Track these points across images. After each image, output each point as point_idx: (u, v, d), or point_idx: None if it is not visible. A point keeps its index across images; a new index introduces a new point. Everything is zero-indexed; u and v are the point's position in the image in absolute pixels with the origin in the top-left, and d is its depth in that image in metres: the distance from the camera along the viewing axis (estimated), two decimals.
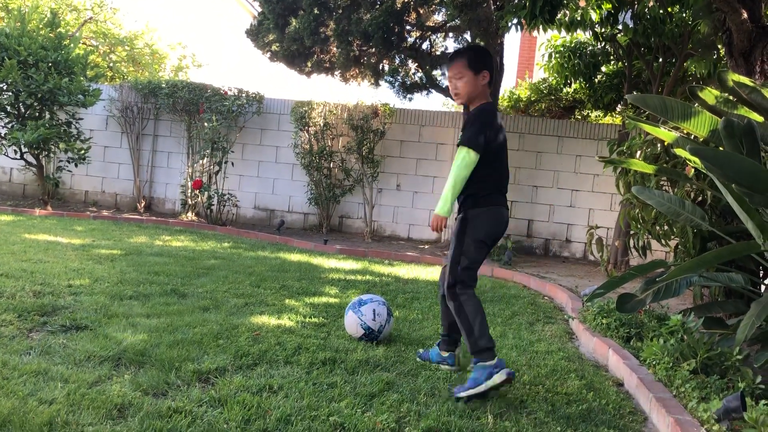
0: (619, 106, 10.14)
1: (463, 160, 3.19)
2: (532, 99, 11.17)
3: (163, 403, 2.61)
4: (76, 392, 2.63)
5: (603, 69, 9.83)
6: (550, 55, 9.72)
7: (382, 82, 9.48)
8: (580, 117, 11.13)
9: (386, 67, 9.15)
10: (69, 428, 2.30)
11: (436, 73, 9.29)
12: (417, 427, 2.61)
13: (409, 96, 9.28)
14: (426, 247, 9.42)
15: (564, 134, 9.71)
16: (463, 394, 3.01)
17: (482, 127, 3.24)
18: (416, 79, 9.24)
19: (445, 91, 9.41)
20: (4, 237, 6.75)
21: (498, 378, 3.00)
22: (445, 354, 3.57)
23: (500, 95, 10.26)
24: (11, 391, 2.57)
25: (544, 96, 11.03)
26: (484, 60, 3.38)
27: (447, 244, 9.45)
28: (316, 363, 3.33)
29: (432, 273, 7.05)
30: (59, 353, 3.13)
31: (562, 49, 9.59)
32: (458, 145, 3.25)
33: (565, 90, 10.76)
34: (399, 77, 9.15)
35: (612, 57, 9.45)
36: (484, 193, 3.34)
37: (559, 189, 9.73)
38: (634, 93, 8.19)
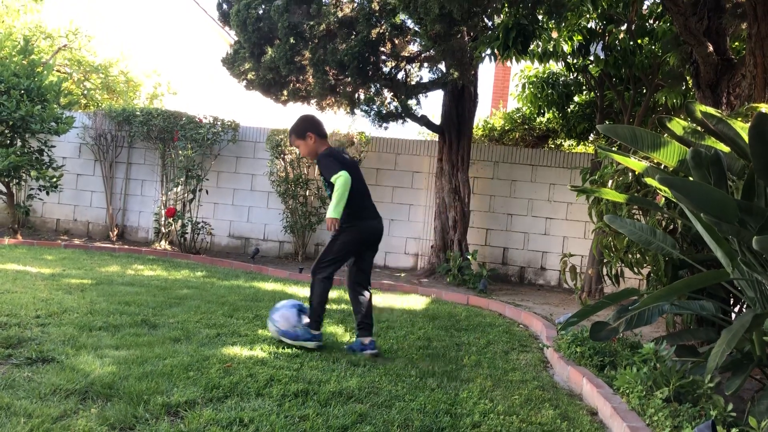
0: (591, 135, 10.31)
1: (340, 179, 4.24)
2: (507, 128, 11.31)
3: None
4: (39, 428, 2.56)
5: (576, 99, 10.01)
6: (523, 86, 9.88)
7: (357, 111, 9.52)
8: (553, 146, 11.28)
9: (362, 96, 9.20)
10: None
11: (412, 102, 9.36)
12: None
13: (384, 125, 9.33)
14: (402, 275, 9.40)
15: (538, 163, 9.82)
16: (287, 341, 4.33)
17: (330, 162, 4.40)
18: (392, 108, 9.30)
19: (420, 120, 9.48)
20: None
21: (310, 345, 4.31)
22: (366, 341, 4.35)
23: (475, 125, 10.37)
24: None
25: (518, 125, 11.17)
26: (304, 127, 4.60)
27: (423, 271, 9.45)
28: (288, 395, 3.28)
29: (408, 301, 7.02)
30: (23, 387, 3.05)
31: (535, 79, 9.75)
32: (330, 182, 4.34)
33: (538, 119, 10.92)
34: (375, 106, 9.20)
35: (584, 87, 9.63)
36: (354, 208, 4.47)
37: (534, 217, 9.80)
38: (606, 123, 8.34)
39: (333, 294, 7.06)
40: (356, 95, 9.08)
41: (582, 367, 4.22)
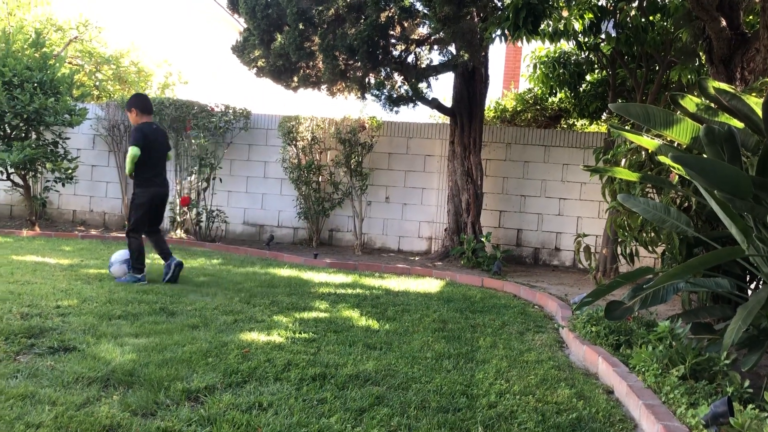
0: (604, 114, 10.23)
1: (132, 151, 5.93)
2: (518, 109, 11.24)
3: (152, 424, 2.60)
4: (63, 415, 2.62)
5: (587, 78, 9.92)
6: (534, 66, 9.80)
7: (368, 96, 9.49)
8: (566, 126, 11.20)
9: (372, 81, 9.16)
10: None
11: (422, 85, 9.32)
12: None
13: (395, 109, 9.29)
14: (416, 258, 9.42)
15: (550, 143, 9.77)
16: (122, 281, 5.94)
17: (136, 135, 6.00)
18: (402, 91, 9.26)
19: (431, 103, 9.45)
20: None
21: (138, 286, 5.75)
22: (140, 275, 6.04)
23: (486, 106, 10.32)
24: None
25: (530, 106, 11.10)
26: (130, 104, 6.22)
27: (437, 255, 9.47)
28: (306, 379, 3.32)
29: (423, 284, 7.05)
30: (47, 375, 3.11)
31: (546, 59, 9.67)
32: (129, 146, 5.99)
33: (550, 100, 10.84)
34: (385, 90, 9.16)
35: (596, 66, 9.54)
36: (143, 177, 6.11)
37: (547, 198, 9.77)
38: (618, 101, 8.27)
39: (347, 279, 7.13)
40: (366, 80, 9.05)
41: (597, 346, 4.23)
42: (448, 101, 9.74)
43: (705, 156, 3.50)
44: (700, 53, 7.43)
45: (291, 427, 2.66)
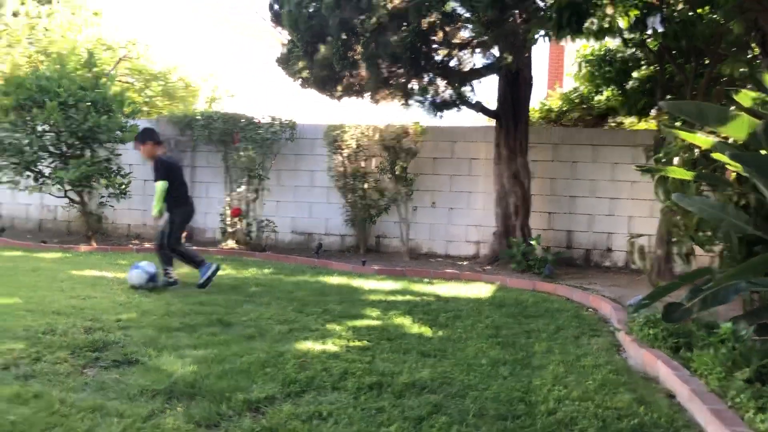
0: (653, 110, 10.02)
1: (160, 187, 6.38)
2: (564, 109, 11.09)
3: None
4: (132, 427, 2.70)
5: (634, 74, 9.73)
6: (579, 65, 9.67)
7: (411, 102, 9.51)
8: (614, 124, 11.01)
9: (415, 87, 9.18)
10: None
11: (466, 89, 9.28)
12: None
13: (439, 114, 9.28)
14: (465, 263, 9.39)
15: (598, 142, 9.63)
16: (201, 281, 6.37)
17: (161, 170, 6.44)
18: (446, 96, 9.24)
19: (475, 107, 9.41)
20: (52, 274, 6.95)
21: (211, 272, 6.44)
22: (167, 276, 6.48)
23: (531, 107, 10.22)
24: (71, 428, 2.66)
25: (576, 105, 10.94)
26: (143, 137, 6.73)
27: (485, 259, 9.41)
28: (363, 388, 3.35)
29: (473, 290, 7.02)
30: (113, 388, 3.22)
31: (591, 57, 9.53)
32: (155, 181, 6.45)
33: (596, 98, 10.66)
34: (429, 96, 9.16)
35: (643, 62, 9.35)
36: (176, 200, 6.55)
37: (597, 198, 9.62)
38: (668, 98, 8.10)
39: (396, 285, 7.15)
40: (410, 86, 9.07)
41: (656, 349, 4.15)
42: (492, 104, 9.69)
43: (764, 152, 3.41)
44: (753, 45, 7.22)
45: None
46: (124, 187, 10.19)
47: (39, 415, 2.77)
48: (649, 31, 7.98)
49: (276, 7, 9.64)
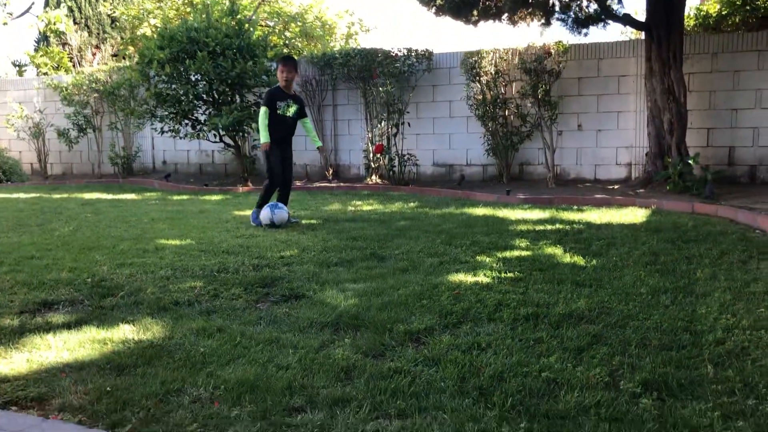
0: None
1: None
2: (724, 13, 10.09)
3: (383, 364, 2.81)
4: (306, 357, 2.92)
5: None
6: None
7: (552, 20, 9.08)
8: None
9: (557, 3, 8.73)
10: (306, 391, 2.57)
11: (611, 1, 8.70)
12: (632, 380, 2.58)
13: (584, 30, 8.79)
14: (615, 187, 9.01)
15: (765, 48, 8.71)
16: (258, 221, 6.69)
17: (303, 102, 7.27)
18: (590, 11, 8.71)
19: (622, 20, 8.80)
20: (217, 215, 7.52)
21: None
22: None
23: (685, 14, 9.39)
24: (252, 359, 2.92)
25: (738, 8, 9.91)
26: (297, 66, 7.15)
27: (638, 181, 8.97)
28: (519, 319, 3.38)
29: (626, 215, 6.75)
30: (285, 321, 3.47)
31: None
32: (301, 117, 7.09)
33: None
34: (571, 12, 8.69)
35: None
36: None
37: (763, 109, 8.79)
38: None
39: (544, 214, 7.03)
40: (551, 3, 8.64)
41: None
42: (640, 15, 9.02)
43: None
44: None
45: (512, 366, 2.74)
46: None
47: (224, 347, 3.06)
48: None
49: None
